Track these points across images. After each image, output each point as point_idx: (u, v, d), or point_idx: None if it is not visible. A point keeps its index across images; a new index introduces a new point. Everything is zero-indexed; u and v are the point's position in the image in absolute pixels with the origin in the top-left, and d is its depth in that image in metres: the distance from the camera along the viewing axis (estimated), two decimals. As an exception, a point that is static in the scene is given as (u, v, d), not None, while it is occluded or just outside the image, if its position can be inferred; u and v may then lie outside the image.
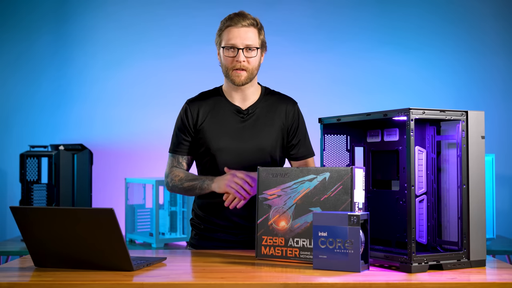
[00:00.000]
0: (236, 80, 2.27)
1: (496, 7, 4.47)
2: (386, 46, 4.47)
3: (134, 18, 4.51)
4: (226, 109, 2.33)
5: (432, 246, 1.89)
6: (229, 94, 2.35)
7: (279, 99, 2.39)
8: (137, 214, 3.83)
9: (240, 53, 2.24)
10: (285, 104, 2.38)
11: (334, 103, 4.41)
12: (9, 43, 4.52)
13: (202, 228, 2.36)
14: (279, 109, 2.36)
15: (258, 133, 2.31)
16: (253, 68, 2.28)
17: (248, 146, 2.29)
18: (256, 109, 2.34)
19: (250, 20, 2.27)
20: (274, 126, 2.33)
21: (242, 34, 2.24)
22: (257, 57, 2.28)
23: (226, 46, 2.26)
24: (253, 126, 2.32)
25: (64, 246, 1.77)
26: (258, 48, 2.28)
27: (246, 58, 2.25)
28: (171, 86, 4.41)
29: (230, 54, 2.26)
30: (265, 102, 2.36)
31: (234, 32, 2.25)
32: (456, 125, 1.84)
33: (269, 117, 2.34)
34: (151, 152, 4.34)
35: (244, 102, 2.34)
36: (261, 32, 2.31)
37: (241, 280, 1.65)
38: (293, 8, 4.50)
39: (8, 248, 3.55)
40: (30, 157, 3.68)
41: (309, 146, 2.43)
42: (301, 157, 2.40)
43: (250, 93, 2.34)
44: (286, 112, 2.36)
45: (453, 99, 4.40)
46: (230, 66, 2.26)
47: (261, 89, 2.39)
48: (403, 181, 1.94)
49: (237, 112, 2.33)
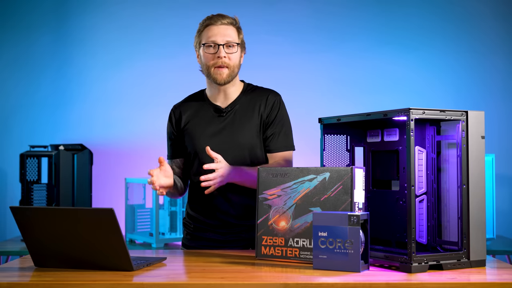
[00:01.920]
0: (218, 78, 2.27)
1: (496, 7, 4.47)
2: (386, 46, 4.47)
3: (134, 18, 4.51)
4: (208, 110, 2.35)
5: (432, 246, 1.89)
6: (211, 95, 2.36)
7: (259, 93, 2.35)
8: (137, 214, 3.83)
9: (221, 49, 2.25)
10: (265, 95, 2.34)
11: (334, 103, 4.41)
12: (9, 43, 4.52)
13: (192, 228, 2.38)
14: (258, 101, 2.32)
15: (236, 131, 2.30)
16: (234, 65, 2.28)
17: (227, 145, 2.28)
18: (235, 106, 2.33)
19: (230, 19, 2.29)
20: (253, 121, 2.31)
21: (222, 31, 2.26)
22: (237, 53, 2.29)
23: (207, 43, 2.26)
24: (231, 124, 2.31)
25: (64, 246, 1.77)
26: (238, 44, 2.28)
27: (227, 54, 2.25)
28: (171, 86, 4.41)
29: (210, 51, 2.26)
30: (245, 98, 2.34)
31: (214, 29, 2.27)
32: (456, 125, 1.84)
33: (248, 113, 2.31)
34: (151, 152, 4.33)
35: (225, 101, 2.34)
36: (240, 32, 2.32)
37: (241, 280, 1.64)
38: (293, 8, 4.50)
39: (8, 248, 3.55)
40: (30, 157, 3.68)
41: (287, 140, 2.32)
42: (274, 150, 2.30)
43: (232, 92, 2.34)
44: (266, 103, 2.32)
45: (453, 99, 4.40)
46: (211, 63, 2.26)
47: (243, 86, 2.38)
48: (403, 181, 1.94)
49: (218, 111, 2.33)
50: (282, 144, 2.32)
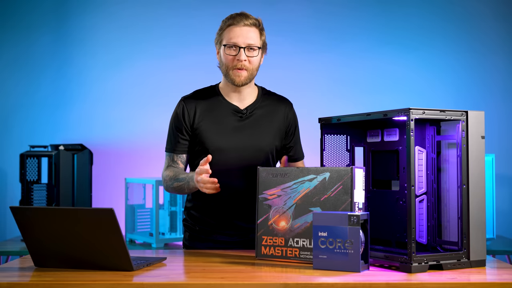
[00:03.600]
0: (236, 80, 2.26)
1: (496, 7, 4.47)
2: (386, 46, 4.47)
3: (134, 18, 4.51)
4: (224, 109, 2.31)
5: (432, 246, 1.89)
6: (226, 93, 2.34)
7: (277, 100, 2.39)
8: (137, 214, 3.83)
9: (241, 52, 2.22)
10: (283, 105, 2.38)
11: (334, 103, 4.41)
12: (9, 43, 4.51)
13: (196, 230, 2.35)
14: (277, 110, 2.36)
15: (257, 133, 2.30)
16: (253, 68, 2.27)
17: (247, 145, 2.28)
18: (255, 109, 2.33)
19: (253, 20, 2.26)
20: (273, 127, 2.33)
21: (244, 33, 2.23)
22: (258, 57, 2.27)
23: (228, 44, 2.24)
24: (252, 126, 2.31)
25: (64, 246, 1.77)
26: (259, 48, 2.27)
27: (247, 58, 2.23)
28: (171, 86, 4.41)
29: (231, 52, 2.24)
30: (263, 102, 2.35)
31: (236, 31, 2.23)
32: (456, 125, 1.84)
33: (268, 118, 2.33)
34: (151, 152, 4.34)
35: (242, 102, 2.33)
36: (262, 33, 2.29)
37: (241, 280, 1.64)
38: (293, 8, 4.50)
39: (8, 248, 3.55)
40: (30, 157, 3.68)
41: (301, 148, 2.47)
42: (297, 159, 2.43)
43: (248, 93, 2.33)
44: (285, 114, 2.37)
45: (453, 99, 4.40)
46: (231, 65, 2.25)
47: (258, 90, 2.38)
48: (403, 181, 1.94)
49: (236, 111, 2.31)
50: (301, 153, 2.46)
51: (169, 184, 2.29)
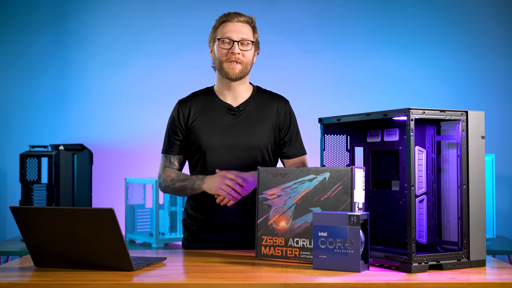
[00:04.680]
0: (230, 73, 2.28)
1: (496, 7, 4.47)
2: (386, 46, 4.47)
3: (134, 18, 4.51)
4: (218, 107, 2.34)
5: (432, 246, 1.89)
6: (220, 92, 2.36)
7: (270, 97, 2.39)
8: (137, 214, 3.83)
9: (235, 45, 2.26)
10: (276, 102, 2.38)
11: (334, 103, 4.41)
12: (9, 43, 4.51)
13: (194, 229, 2.36)
14: (270, 106, 2.36)
15: (249, 130, 2.31)
16: (247, 62, 2.29)
17: (239, 143, 2.29)
18: (247, 107, 2.34)
19: (246, 17, 2.31)
20: (266, 123, 2.33)
21: (238, 28, 2.28)
22: (251, 51, 2.30)
23: (222, 38, 2.27)
24: (244, 124, 2.32)
25: (64, 246, 1.77)
26: (252, 43, 2.30)
27: (241, 51, 2.27)
28: (171, 86, 4.41)
29: (225, 46, 2.27)
30: (256, 99, 2.36)
31: (229, 26, 2.28)
32: (456, 125, 1.84)
33: (261, 115, 2.34)
34: (151, 152, 4.32)
35: (235, 100, 2.35)
36: (255, 31, 2.34)
37: (241, 280, 1.65)
38: (293, 8, 4.50)
39: (8, 248, 3.55)
40: (30, 157, 3.68)
41: (301, 145, 2.43)
42: (293, 155, 2.39)
43: (241, 91, 2.35)
44: (278, 110, 2.36)
45: (453, 99, 4.40)
46: (225, 58, 2.28)
47: (253, 88, 2.40)
48: (403, 181, 1.94)
49: (229, 109, 2.33)
50: (299, 150, 2.40)
51: (169, 185, 2.30)
